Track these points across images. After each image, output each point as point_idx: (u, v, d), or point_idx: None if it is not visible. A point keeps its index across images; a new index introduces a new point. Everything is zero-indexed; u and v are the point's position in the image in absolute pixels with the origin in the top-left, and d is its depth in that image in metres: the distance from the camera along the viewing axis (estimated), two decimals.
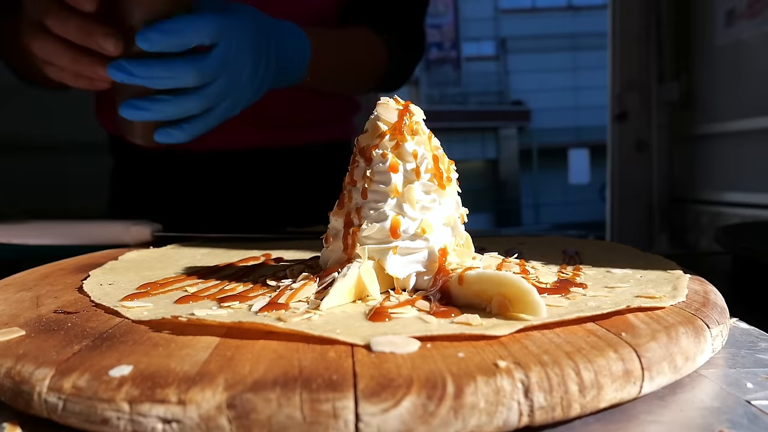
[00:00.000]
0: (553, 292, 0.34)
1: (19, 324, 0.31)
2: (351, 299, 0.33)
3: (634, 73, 2.06)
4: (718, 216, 1.85)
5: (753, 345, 0.33)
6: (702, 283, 0.38)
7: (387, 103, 0.37)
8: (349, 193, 0.37)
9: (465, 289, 0.32)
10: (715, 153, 1.91)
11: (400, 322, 0.29)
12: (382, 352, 0.25)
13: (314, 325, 0.28)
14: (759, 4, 1.69)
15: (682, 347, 0.27)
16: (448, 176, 0.36)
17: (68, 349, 0.26)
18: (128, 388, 0.22)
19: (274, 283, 0.37)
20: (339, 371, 0.23)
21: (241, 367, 0.24)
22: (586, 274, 0.40)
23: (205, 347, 0.26)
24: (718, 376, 0.29)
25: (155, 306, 0.34)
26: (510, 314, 0.29)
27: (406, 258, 0.35)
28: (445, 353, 0.25)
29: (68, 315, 0.33)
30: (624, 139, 2.09)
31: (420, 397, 0.22)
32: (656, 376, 0.26)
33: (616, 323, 0.29)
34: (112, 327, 0.30)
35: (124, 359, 0.25)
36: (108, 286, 0.39)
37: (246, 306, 0.32)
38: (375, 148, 0.36)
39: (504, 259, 0.41)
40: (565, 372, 0.24)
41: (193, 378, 0.23)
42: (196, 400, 0.22)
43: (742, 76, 1.77)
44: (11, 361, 0.26)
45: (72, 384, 0.23)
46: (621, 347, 0.26)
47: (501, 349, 0.26)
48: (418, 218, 0.35)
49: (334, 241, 0.38)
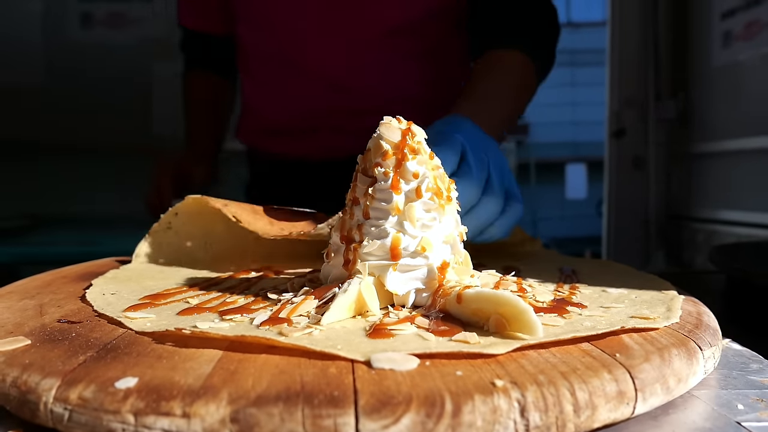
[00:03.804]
0: (549, 311, 0.34)
1: (24, 333, 0.31)
2: (351, 314, 0.34)
3: (632, 90, 2.08)
4: (713, 234, 1.86)
5: (745, 366, 0.34)
6: (695, 305, 0.39)
7: (389, 123, 0.37)
8: (350, 210, 0.38)
9: (463, 307, 0.32)
10: (712, 171, 1.92)
11: (400, 338, 0.30)
12: (382, 369, 0.25)
13: (315, 340, 0.29)
14: (755, 27, 1.71)
15: (675, 369, 0.28)
16: (449, 195, 0.37)
17: (73, 360, 0.27)
18: (133, 400, 0.23)
19: (275, 296, 0.38)
20: (340, 387, 0.24)
21: (244, 381, 0.24)
22: (582, 293, 0.41)
23: (208, 360, 0.27)
24: (710, 398, 0.30)
25: (158, 317, 0.34)
26: (507, 333, 0.30)
27: (405, 275, 0.36)
28: (444, 371, 0.25)
29: (72, 324, 0.33)
30: (621, 155, 2.11)
31: (419, 415, 0.22)
32: (649, 397, 0.26)
33: (611, 344, 0.30)
34: (116, 338, 0.30)
35: (129, 371, 0.25)
36: (110, 296, 0.40)
37: (248, 319, 0.33)
38: (377, 166, 0.37)
39: (501, 277, 0.41)
40: (560, 392, 0.24)
41: (197, 391, 0.23)
42: (200, 414, 0.22)
43: (738, 97, 1.79)
44: (17, 370, 0.26)
45: (78, 395, 0.24)
46: (615, 368, 0.26)
47: (498, 368, 0.26)
48: (418, 236, 0.36)
49: (335, 257, 0.38)
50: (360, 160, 0.39)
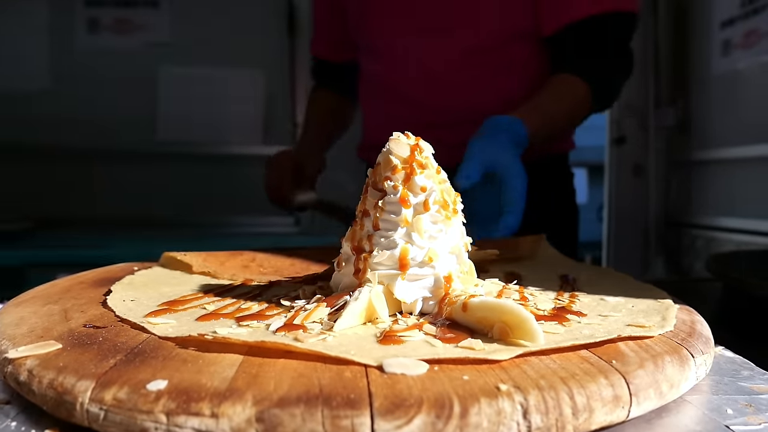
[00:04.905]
0: (549, 319, 0.36)
1: (54, 337, 0.33)
2: (362, 321, 0.36)
3: (632, 97, 2.10)
4: (712, 241, 1.88)
5: (736, 373, 0.36)
6: (690, 313, 0.41)
7: (398, 139, 0.39)
8: (360, 221, 0.40)
9: (469, 315, 0.34)
10: (710, 179, 1.94)
11: (409, 345, 0.31)
12: (393, 374, 0.27)
13: (330, 345, 0.31)
14: (755, 36, 1.74)
15: (668, 375, 0.30)
16: (454, 208, 0.39)
17: (104, 363, 0.29)
18: (165, 401, 0.25)
19: (288, 303, 0.40)
20: (356, 390, 0.25)
21: (266, 384, 0.26)
22: (581, 301, 0.42)
23: (230, 364, 0.29)
24: (702, 402, 0.31)
25: (178, 323, 0.36)
26: (510, 340, 0.32)
27: (413, 284, 0.38)
28: (451, 375, 0.27)
29: (98, 329, 0.35)
30: (621, 163, 2.13)
31: (430, 416, 0.24)
32: (643, 401, 0.28)
33: (608, 351, 0.31)
34: (141, 342, 0.32)
35: (158, 374, 0.27)
36: (130, 302, 0.41)
37: (263, 325, 0.35)
38: (387, 180, 0.39)
39: (504, 285, 0.43)
40: (560, 396, 0.26)
41: (224, 393, 0.25)
42: (227, 414, 0.24)
43: (737, 105, 1.81)
44: (53, 373, 0.28)
45: (113, 396, 0.25)
46: (611, 374, 0.28)
47: (502, 373, 0.28)
48: (425, 247, 0.38)
49: (346, 266, 0.40)
50: (370, 174, 0.40)
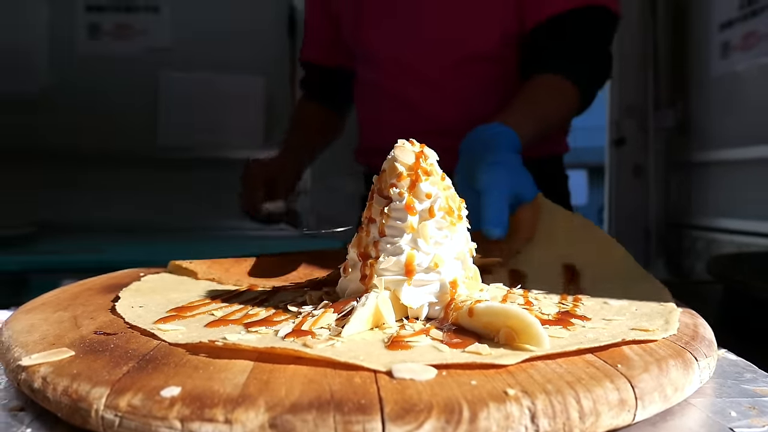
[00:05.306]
0: (554, 323, 0.37)
1: (65, 344, 0.34)
2: (369, 327, 0.36)
3: (631, 98, 2.11)
4: (713, 242, 1.89)
5: (739, 376, 0.36)
6: (693, 317, 0.41)
7: (403, 146, 0.40)
8: (366, 228, 0.40)
9: (475, 320, 0.34)
10: (710, 180, 1.95)
11: (417, 350, 0.32)
12: (403, 379, 0.28)
13: (339, 351, 0.31)
14: (753, 37, 1.74)
15: (672, 379, 0.30)
16: (459, 214, 0.40)
17: (117, 370, 0.29)
18: (179, 407, 0.25)
19: (296, 309, 0.40)
20: (366, 396, 0.26)
21: (277, 390, 0.27)
22: (585, 305, 0.43)
23: (241, 371, 0.29)
24: (706, 405, 0.32)
25: (188, 329, 0.36)
26: (516, 345, 0.32)
27: (419, 289, 0.38)
28: (460, 380, 0.28)
29: (108, 336, 0.35)
30: (622, 164, 2.14)
31: (439, 421, 0.24)
32: (648, 404, 0.29)
33: (613, 355, 0.32)
34: (152, 349, 0.33)
35: (170, 380, 0.28)
36: (139, 309, 0.42)
37: (272, 331, 0.35)
38: (393, 187, 0.39)
39: (509, 290, 0.44)
40: (567, 400, 0.26)
41: (236, 399, 0.26)
42: (241, 420, 0.24)
43: (736, 106, 1.82)
44: (67, 380, 0.28)
45: (127, 402, 0.26)
46: (617, 378, 0.29)
47: (509, 377, 0.28)
48: (431, 253, 0.38)
49: (353, 272, 0.41)
50: (375, 181, 0.41)
